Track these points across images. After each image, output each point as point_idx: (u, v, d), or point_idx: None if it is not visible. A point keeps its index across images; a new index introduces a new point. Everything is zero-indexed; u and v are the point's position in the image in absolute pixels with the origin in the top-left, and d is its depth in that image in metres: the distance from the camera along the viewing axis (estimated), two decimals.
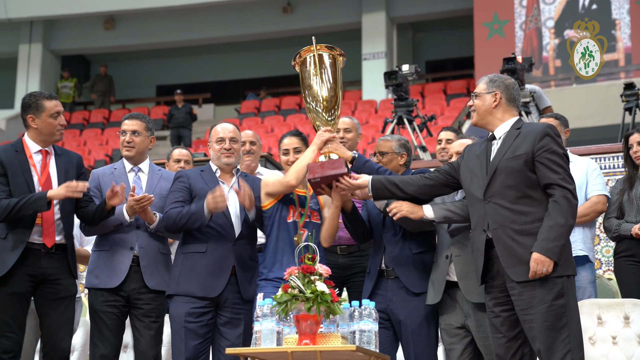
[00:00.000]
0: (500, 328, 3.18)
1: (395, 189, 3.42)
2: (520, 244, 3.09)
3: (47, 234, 3.63)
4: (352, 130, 4.41)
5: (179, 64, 18.42)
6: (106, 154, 14.29)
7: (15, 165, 3.63)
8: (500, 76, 3.41)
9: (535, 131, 3.18)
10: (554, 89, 14.37)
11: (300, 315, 2.98)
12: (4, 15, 16.05)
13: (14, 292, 3.58)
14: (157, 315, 3.84)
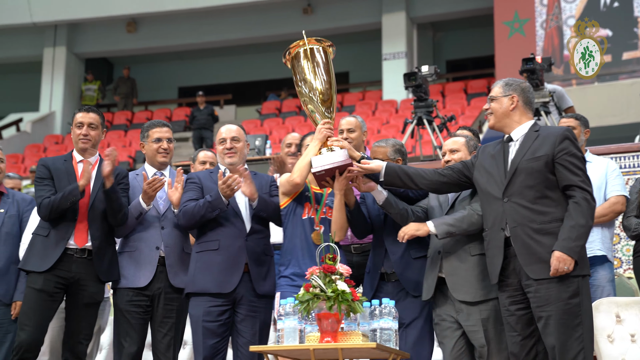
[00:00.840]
0: (515, 326, 3.24)
1: (408, 180, 3.49)
2: (539, 243, 3.16)
3: (78, 237, 3.84)
4: (355, 130, 4.41)
5: (201, 65, 18.58)
6: (129, 156, 14.47)
7: (61, 171, 3.95)
8: (515, 80, 3.48)
9: (555, 134, 3.26)
10: (575, 87, 14.30)
11: (322, 313, 3.06)
12: (29, 19, 16.29)
13: (41, 289, 3.77)
14: (178, 316, 3.93)
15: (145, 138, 4.10)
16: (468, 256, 3.46)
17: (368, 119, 14.32)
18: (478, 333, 3.40)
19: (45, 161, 4.01)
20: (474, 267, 3.44)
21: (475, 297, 3.41)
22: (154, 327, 3.92)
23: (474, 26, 16.84)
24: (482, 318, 3.40)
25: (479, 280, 3.42)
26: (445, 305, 3.52)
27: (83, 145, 3.95)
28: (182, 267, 3.95)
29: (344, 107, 15.69)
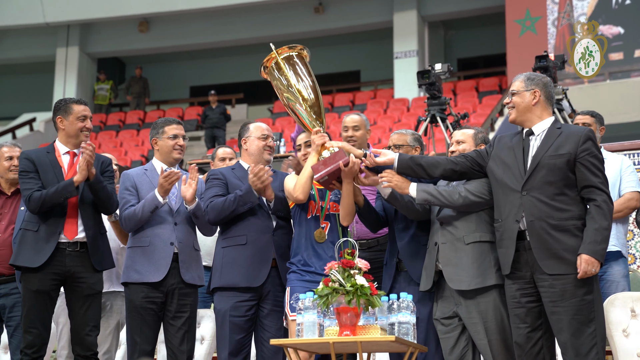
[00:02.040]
0: (525, 318, 3.27)
1: (421, 170, 3.51)
2: (555, 239, 3.19)
3: (68, 229, 3.82)
4: (360, 127, 4.39)
5: (212, 64, 18.66)
6: (142, 155, 14.56)
7: (46, 164, 3.89)
8: (537, 74, 3.50)
9: (579, 133, 3.30)
10: (587, 85, 14.28)
11: (341, 307, 3.10)
12: (42, 19, 16.42)
13: (37, 289, 3.78)
14: (192, 311, 3.96)
15: (160, 134, 4.08)
16: (462, 245, 3.46)
17: (379, 118, 14.36)
18: (478, 325, 3.40)
19: (28, 154, 3.94)
20: (468, 255, 3.43)
21: (470, 285, 3.40)
22: (168, 322, 3.93)
23: (485, 24, 16.84)
24: (480, 310, 3.39)
25: (473, 267, 3.41)
26: (445, 301, 3.51)
27: (85, 139, 3.91)
28: (192, 263, 3.98)
29: (355, 106, 15.72)
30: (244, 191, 3.76)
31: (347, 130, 4.33)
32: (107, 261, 3.97)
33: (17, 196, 4.38)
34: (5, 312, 4.24)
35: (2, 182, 4.44)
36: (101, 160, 4.00)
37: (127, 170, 4.20)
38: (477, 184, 3.50)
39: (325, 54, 18.13)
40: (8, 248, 4.24)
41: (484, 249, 3.44)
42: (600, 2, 14.48)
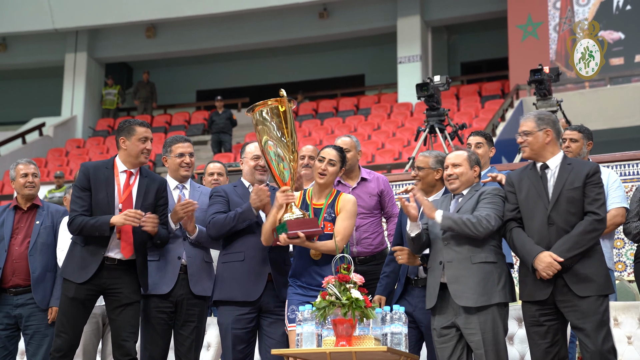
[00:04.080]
0: (545, 335, 3.58)
1: None
2: (581, 264, 3.54)
3: (124, 248, 3.98)
4: (351, 150, 4.60)
5: (219, 69, 18.89)
6: (150, 159, 14.78)
7: (101, 181, 4.00)
8: (545, 113, 3.82)
9: (587, 167, 3.65)
10: (588, 89, 14.45)
11: (337, 319, 3.33)
12: (51, 25, 16.68)
13: (73, 297, 3.97)
14: (199, 321, 4.18)
15: (168, 153, 4.30)
16: (470, 264, 3.71)
17: (383, 122, 14.54)
18: (476, 336, 3.64)
19: (87, 168, 4.02)
20: (474, 274, 3.69)
21: (476, 303, 3.66)
22: (177, 330, 4.16)
23: (488, 28, 17.00)
24: (479, 322, 3.64)
25: (480, 286, 3.67)
26: (444, 312, 3.75)
27: (144, 160, 4.06)
28: (202, 276, 4.19)
29: (359, 110, 15.92)
30: (243, 209, 3.98)
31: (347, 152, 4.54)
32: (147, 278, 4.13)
33: (33, 211, 4.58)
34: (22, 321, 4.46)
35: (18, 197, 4.64)
36: (157, 183, 4.10)
37: None
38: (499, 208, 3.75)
39: (330, 58, 18.34)
40: (24, 261, 4.46)
41: (489, 269, 3.70)
42: (601, 7, 14.64)
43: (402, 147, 12.69)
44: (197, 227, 4.17)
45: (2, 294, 4.47)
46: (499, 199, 3.77)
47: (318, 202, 3.96)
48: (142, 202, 4.02)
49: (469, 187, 3.87)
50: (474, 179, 3.88)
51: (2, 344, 4.45)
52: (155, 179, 4.14)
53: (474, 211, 3.75)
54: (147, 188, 4.06)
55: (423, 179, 4.06)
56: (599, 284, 3.54)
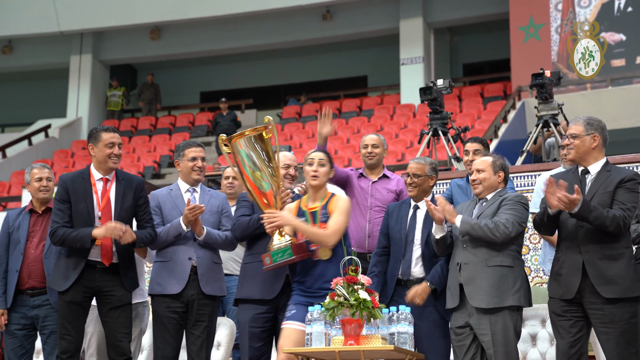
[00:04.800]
0: (570, 329, 3.67)
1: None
2: (609, 267, 3.61)
3: (104, 254, 4.14)
4: (379, 146, 4.88)
5: (222, 70, 19.00)
6: (154, 161, 14.90)
7: (80, 192, 4.17)
8: (595, 119, 3.86)
9: (624, 174, 3.73)
10: (590, 91, 14.55)
11: (346, 319, 3.46)
12: (56, 28, 16.81)
13: (70, 300, 4.13)
14: (210, 320, 4.30)
15: (181, 157, 4.43)
16: (485, 267, 3.84)
17: (386, 123, 14.65)
18: (486, 336, 3.78)
19: (65, 181, 4.19)
20: (489, 277, 3.82)
21: (489, 304, 3.79)
22: (188, 330, 4.29)
23: (491, 30, 17.11)
24: (490, 323, 3.78)
25: (493, 288, 3.80)
26: (460, 311, 3.90)
27: (114, 166, 4.22)
28: (212, 276, 4.32)
29: (362, 111, 16.04)
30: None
31: (366, 147, 4.79)
32: (135, 282, 4.30)
33: (47, 214, 4.70)
34: (39, 322, 4.59)
35: (33, 201, 4.77)
36: (134, 184, 4.27)
37: (154, 191, 4.53)
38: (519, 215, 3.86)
39: (333, 59, 18.46)
40: (40, 263, 4.59)
41: (504, 272, 3.82)
42: (603, 9, 14.74)
43: (405, 149, 12.80)
44: (205, 229, 4.29)
45: (20, 295, 4.60)
46: (520, 206, 3.90)
47: (313, 205, 4.06)
48: (120, 206, 4.18)
49: (493, 192, 4.00)
50: (497, 184, 4.01)
51: (20, 343, 4.59)
52: (132, 180, 4.28)
53: (494, 216, 3.87)
54: (124, 192, 4.22)
55: (419, 186, 4.20)
56: (624, 286, 3.59)
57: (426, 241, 4.12)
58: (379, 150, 4.86)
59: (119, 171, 4.33)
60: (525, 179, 6.32)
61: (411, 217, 4.20)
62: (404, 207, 4.27)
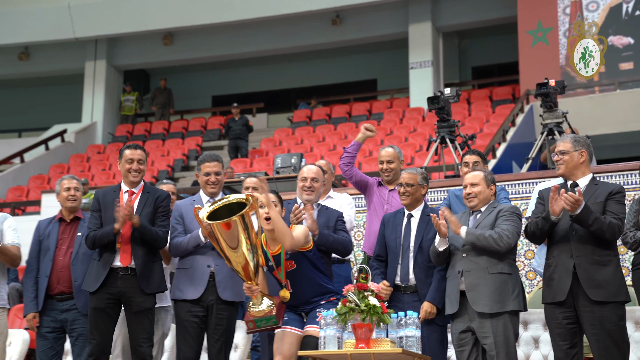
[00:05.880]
0: (566, 336, 3.93)
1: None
2: (598, 271, 3.89)
3: (122, 257, 4.45)
4: (394, 160, 5.11)
5: (233, 75, 19.25)
6: (168, 165, 15.16)
7: (109, 203, 4.54)
8: (581, 136, 4.20)
9: (612, 187, 4.02)
10: (598, 94, 14.68)
11: (357, 324, 3.70)
12: (72, 34, 17.12)
13: (95, 307, 4.46)
14: (228, 324, 4.52)
15: (199, 170, 4.70)
16: (486, 274, 4.08)
17: (395, 127, 14.84)
18: (488, 339, 4.01)
19: (98, 193, 4.64)
20: (491, 284, 4.06)
21: (492, 309, 4.03)
22: (209, 333, 4.52)
23: (499, 33, 17.25)
24: (492, 326, 4.01)
25: (495, 294, 4.04)
26: (461, 317, 4.13)
27: (133, 179, 4.57)
28: (230, 283, 4.53)
29: (372, 115, 16.24)
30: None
31: (382, 164, 5.06)
32: (158, 285, 4.55)
33: (75, 223, 4.97)
34: (67, 325, 4.86)
35: (63, 210, 5.04)
36: (156, 195, 4.60)
37: (178, 201, 4.83)
38: (517, 225, 4.11)
39: (343, 63, 18.66)
40: (67, 270, 4.86)
41: (504, 279, 4.07)
42: (611, 13, 14.86)
43: (415, 152, 12.98)
44: None
45: (49, 300, 4.87)
46: (516, 217, 4.15)
47: (275, 248, 4.24)
48: (140, 212, 4.52)
49: (486, 205, 4.24)
50: (490, 197, 4.25)
51: (50, 345, 4.86)
52: (155, 193, 4.62)
53: (493, 227, 4.10)
54: (146, 202, 4.57)
55: (412, 195, 4.45)
56: (611, 291, 3.86)
57: (419, 247, 4.35)
58: (394, 165, 5.12)
59: (148, 185, 4.67)
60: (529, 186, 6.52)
61: (405, 225, 4.45)
62: (398, 216, 4.52)
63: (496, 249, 4.03)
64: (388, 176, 5.16)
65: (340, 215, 4.68)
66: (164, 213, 4.61)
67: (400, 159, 5.16)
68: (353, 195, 5.95)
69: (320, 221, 4.51)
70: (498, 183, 4.57)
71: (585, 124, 12.61)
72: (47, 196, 11.38)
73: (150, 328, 4.51)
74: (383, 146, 5.26)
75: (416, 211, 4.48)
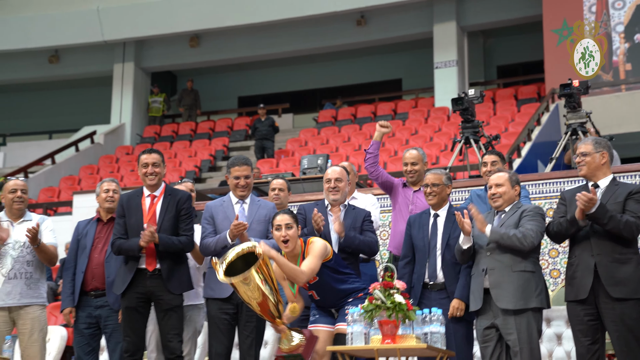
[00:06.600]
0: (588, 333, 4.03)
1: None
2: (618, 269, 3.98)
3: (148, 262, 4.62)
4: (418, 162, 5.22)
5: (259, 76, 19.42)
6: (195, 165, 15.37)
7: (132, 208, 4.70)
8: (602, 139, 4.31)
9: (632, 187, 4.13)
10: (624, 92, 14.61)
11: (383, 320, 3.83)
12: (100, 37, 17.42)
13: (126, 306, 4.64)
14: (258, 321, 4.65)
15: (229, 173, 4.83)
16: (510, 272, 4.18)
17: (420, 126, 14.90)
18: (512, 335, 4.11)
19: (122, 198, 4.77)
20: (515, 281, 4.16)
21: (515, 306, 4.13)
22: (239, 330, 4.67)
23: (524, 32, 17.21)
24: (516, 323, 4.10)
25: (519, 291, 4.14)
26: (486, 313, 4.24)
27: (150, 183, 4.71)
28: None
29: (397, 115, 16.31)
30: (307, 230, 4.58)
31: (406, 165, 5.18)
32: (184, 285, 4.69)
33: (111, 223, 5.13)
34: (102, 321, 5.05)
35: (100, 210, 5.24)
36: (178, 198, 4.72)
37: (209, 202, 4.98)
38: (541, 225, 4.21)
39: (368, 63, 18.74)
40: (102, 267, 5.04)
41: (527, 277, 4.17)
42: (637, 10, 14.78)
43: (440, 152, 13.04)
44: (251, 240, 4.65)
45: (84, 296, 5.06)
46: (540, 217, 4.24)
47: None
48: (164, 218, 4.65)
49: (510, 205, 4.34)
50: (515, 197, 4.35)
51: (86, 341, 5.05)
52: (177, 195, 4.74)
53: (517, 227, 4.19)
54: (168, 205, 4.69)
55: (438, 194, 4.56)
56: (632, 288, 3.95)
57: (446, 245, 4.46)
58: (419, 167, 5.23)
59: (169, 187, 4.82)
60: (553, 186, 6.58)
61: (432, 224, 4.56)
62: (424, 216, 4.65)
63: (520, 248, 4.13)
64: (412, 177, 5.27)
65: (367, 215, 4.80)
66: (187, 216, 4.73)
67: (424, 160, 5.27)
68: (377, 196, 6.06)
69: (347, 222, 4.64)
70: (521, 182, 4.65)
71: (611, 122, 12.58)
72: (78, 197, 11.63)
73: (179, 324, 4.66)
74: (407, 147, 5.37)
75: (442, 210, 4.60)
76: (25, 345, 4.89)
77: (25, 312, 4.91)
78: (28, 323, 4.88)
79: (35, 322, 4.90)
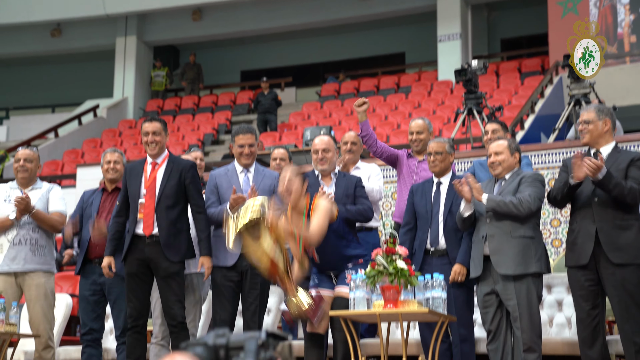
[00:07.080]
0: (588, 298, 4.07)
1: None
2: (619, 235, 4.02)
3: (146, 226, 4.61)
4: (423, 132, 5.24)
5: (262, 50, 19.35)
6: (198, 139, 15.38)
7: (134, 175, 4.71)
8: (605, 106, 4.30)
9: (634, 154, 4.14)
10: (629, 65, 14.56)
11: (385, 286, 3.86)
12: (102, 11, 17.35)
13: (128, 272, 4.65)
14: (262, 289, 4.72)
15: (233, 142, 4.86)
16: (510, 238, 4.21)
17: (424, 100, 14.88)
18: (512, 301, 4.15)
19: (126, 168, 4.79)
20: (515, 247, 4.19)
21: (515, 271, 4.17)
22: (243, 297, 4.73)
23: (529, 4, 17.11)
24: (516, 289, 4.14)
25: (518, 257, 4.17)
26: (486, 280, 4.28)
27: (151, 152, 4.70)
28: None
29: (400, 88, 16.27)
30: None
31: (412, 134, 5.20)
32: (184, 253, 4.66)
33: (116, 193, 5.19)
34: (106, 288, 5.11)
35: (105, 181, 5.28)
36: (181, 167, 4.68)
37: (213, 171, 4.99)
38: (539, 191, 4.22)
39: (371, 37, 18.64)
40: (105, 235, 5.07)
41: (527, 243, 4.19)
42: None
43: (443, 125, 13.03)
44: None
45: (89, 264, 5.11)
46: (539, 183, 4.26)
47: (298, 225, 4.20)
48: (165, 184, 4.63)
49: (510, 172, 4.36)
50: (514, 164, 4.36)
51: (91, 308, 5.12)
52: (181, 163, 4.70)
53: (516, 193, 4.21)
54: (170, 173, 4.66)
55: (442, 162, 4.60)
56: (633, 254, 3.98)
57: (449, 212, 4.50)
58: (424, 136, 5.24)
59: (172, 156, 4.78)
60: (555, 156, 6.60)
61: (435, 192, 4.60)
62: (426, 185, 4.68)
63: (517, 213, 4.15)
64: (417, 146, 5.29)
65: (358, 181, 4.80)
66: (193, 184, 4.65)
67: (430, 130, 5.28)
68: (381, 167, 6.08)
69: (338, 192, 4.65)
70: (523, 153, 4.67)
71: (615, 94, 12.54)
72: (82, 170, 11.67)
73: (179, 291, 4.65)
74: (413, 118, 5.38)
75: (445, 178, 4.63)
76: (30, 312, 4.94)
77: (30, 278, 4.93)
78: (33, 289, 4.91)
79: (40, 288, 4.91)
